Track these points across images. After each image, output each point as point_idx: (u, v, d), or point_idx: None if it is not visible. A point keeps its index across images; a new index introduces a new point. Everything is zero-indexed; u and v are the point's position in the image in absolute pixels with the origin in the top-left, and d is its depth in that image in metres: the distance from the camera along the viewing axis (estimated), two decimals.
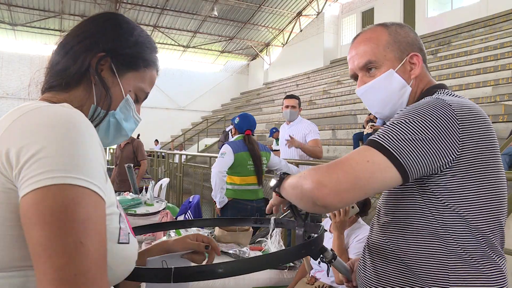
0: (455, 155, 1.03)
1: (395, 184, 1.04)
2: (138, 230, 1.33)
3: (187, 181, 8.39)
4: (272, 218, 1.44)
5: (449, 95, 1.16)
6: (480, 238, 1.07)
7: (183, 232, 2.58)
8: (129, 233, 0.84)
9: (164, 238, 2.59)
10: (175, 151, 11.03)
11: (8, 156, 0.68)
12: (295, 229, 1.32)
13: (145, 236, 3.92)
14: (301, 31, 23.56)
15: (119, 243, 0.80)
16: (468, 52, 11.52)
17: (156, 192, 5.91)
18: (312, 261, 2.47)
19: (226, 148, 3.76)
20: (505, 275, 1.10)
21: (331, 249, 1.34)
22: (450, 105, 1.04)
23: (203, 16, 22.27)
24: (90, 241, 0.66)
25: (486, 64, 10.04)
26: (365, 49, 1.25)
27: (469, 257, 1.06)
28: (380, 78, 1.23)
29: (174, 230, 2.59)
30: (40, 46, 22.46)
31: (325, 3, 21.81)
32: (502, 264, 1.10)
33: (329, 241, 2.35)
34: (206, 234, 2.62)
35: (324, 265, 1.87)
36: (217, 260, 2.57)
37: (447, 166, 1.03)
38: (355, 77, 1.32)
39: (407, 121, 1.03)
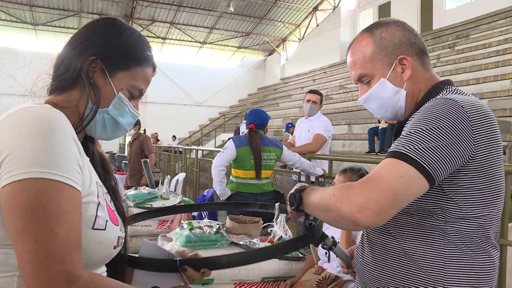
0: (472, 155, 1.07)
1: (424, 192, 1.06)
2: (147, 214, 1.44)
3: (204, 176, 8.50)
4: (277, 204, 1.52)
5: (456, 93, 1.19)
6: (479, 231, 1.13)
7: (195, 223, 2.67)
8: (107, 220, 0.95)
9: (178, 230, 2.68)
10: (192, 147, 11.16)
11: None
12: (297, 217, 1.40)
13: (160, 229, 4.04)
14: (317, 26, 23.47)
15: (93, 228, 0.90)
16: (487, 44, 11.35)
17: (172, 186, 6.02)
18: (319, 252, 2.53)
19: (229, 143, 3.81)
20: (495, 264, 1.16)
21: (332, 236, 1.41)
22: (462, 107, 1.07)
23: (219, 12, 22.35)
24: (60, 228, 0.78)
25: (505, 57, 9.87)
26: (355, 61, 1.31)
27: (466, 247, 1.12)
28: (374, 88, 1.28)
29: (187, 222, 2.68)
30: (60, 45, 22.77)
31: None
32: (495, 255, 1.16)
33: (335, 232, 2.42)
34: (217, 226, 2.71)
35: (333, 256, 1.95)
36: (228, 250, 2.65)
37: (463, 165, 1.08)
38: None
39: (427, 128, 1.06)
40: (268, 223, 2.65)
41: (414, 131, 1.07)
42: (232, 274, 2.54)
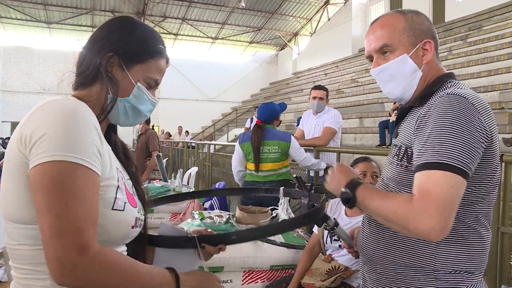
0: (487, 144, 1.16)
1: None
2: (159, 201, 1.56)
3: (217, 170, 8.60)
4: (281, 188, 1.63)
5: (459, 87, 1.27)
6: (472, 215, 1.22)
7: (205, 213, 2.77)
8: (125, 202, 1.06)
9: (189, 221, 2.79)
10: (205, 141, 11.28)
11: (25, 138, 0.93)
12: (301, 199, 1.51)
13: (173, 221, 4.16)
14: (329, 19, 23.38)
15: (113, 209, 1.02)
16: (499, 36, 11.24)
17: (185, 180, 6.13)
18: (328, 243, 2.58)
19: (237, 142, 4.05)
20: (485, 244, 1.25)
21: (334, 218, 1.51)
22: (472, 103, 1.15)
23: (230, 7, 22.41)
24: (75, 203, 0.89)
25: None
26: (382, 33, 1.34)
27: (457, 226, 1.21)
28: (394, 61, 1.32)
29: (198, 212, 2.79)
30: (74, 42, 23.16)
31: None
32: (485, 235, 1.25)
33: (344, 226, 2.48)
34: (227, 216, 2.81)
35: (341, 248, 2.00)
36: None
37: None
38: (371, 58, 1.41)
39: (451, 130, 1.12)
40: (272, 207, 2.75)
41: (440, 136, 1.12)
42: (242, 262, 2.63)
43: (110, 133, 1.22)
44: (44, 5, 20.79)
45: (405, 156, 1.27)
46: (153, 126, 6.29)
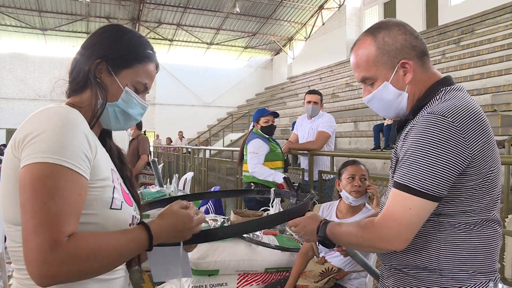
0: (470, 160, 1.19)
1: (435, 207, 1.22)
2: (151, 205, 1.59)
3: (212, 175, 8.63)
4: (272, 189, 1.68)
5: (449, 97, 1.28)
6: (474, 217, 1.25)
7: None
8: (122, 202, 1.11)
9: None
10: (200, 147, 11.31)
11: (18, 141, 0.98)
12: (289, 199, 1.57)
13: None
14: (323, 24, 23.50)
15: (111, 208, 1.06)
16: (491, 39, 11.34)
17: (181, 185, 6.15)
18: (320, 247, 2.62)
19: None
20: (491, 245, 1.27)
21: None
22: (452, 122, 1.17)
23: (225, 13, 22.49)
24: (52, 202, 0.92)
25: (510, 52, 9.88)
26: (358, 63, 1.39)
27: (459, 230, 1.25)
28: (378, 91, 1.37)
29: None
30: (69, 49, 23.18)
31: None
32: (492, 237, 1.27)
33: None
34: (222, 220, 2.84)
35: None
36: (232, 242, 2.77)
37: (463, 171, 1.20)
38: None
39: (422, 154, 1.19)
40: (264, 208, 2.79)
41: (411, 158, 1.21)
42: (237, 265, 2.66)
43: (104, 138, 1.25)
44: (39, 12, 20.81)
45: (396, 168, 1.32)
46: (145, 131, 6.34)
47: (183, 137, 20.28)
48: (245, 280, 2.72)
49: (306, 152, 4.43)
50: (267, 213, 2.59)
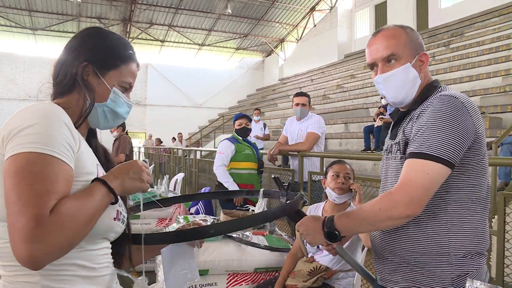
0: (474, 138, 1.37)
1: (448, 174, 1.35)
2: (147, 205, 1.63)
3: (203, 176, 8.63)
4: (261, 190, 1.72)
5: (450, 90, 1.47)
6: (478, 200, 1.42)
7: (190, 218, 2.81)
8: None
9: (175, 225, 2.83)
10: (191, 148, 11.30)
11: (2, 137, 1.01)
12: (279, 198, 1.60)
13: (159, 227, 4.18)
14: (314, 26, 23.59)
15: None
16: (480, 42, 11.47)
17: (172, 186, 6.15)
18: (308, 247, 2.64)
19: None
20: (487, 227, 1.45)
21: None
22: (462, 102, 1.36)
23: (217, 14, 22.48)
24: (39, 184, 0.94)
25: (497, 54, 10.01)
26: (389, 43, 1.51)
27: (469, 214, 1.41)
28: (400, 69, 1.50)
29: (183, 216, 2.83)
30: (59, 49, 22.93)
31: None
32: (486, 220, 1.45)
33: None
34: (212, 220, 2.86)
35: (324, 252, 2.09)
36: (222, 243, 2.79)
37: (469, 146, 1.37)
38: (372, 66, 1.58)
39: (438, 125, 1.34)
40: (247, 206, 2.84)
41: (427, 130, 1.35)
42: (226, 265, 2.68)
43: (90, 138, 1.29)
44: (29, 12, 20.65)
45: (406, 148, 1.45)
46: (127, 131, 6.45)
47: (174, 138, 20.21)
48: (234, 280, 2.75)
49: (296, 153, 4.46)
50: (252, 210, 2.64)
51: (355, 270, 2.46)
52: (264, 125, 10.28)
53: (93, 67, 1.20)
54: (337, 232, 1.42)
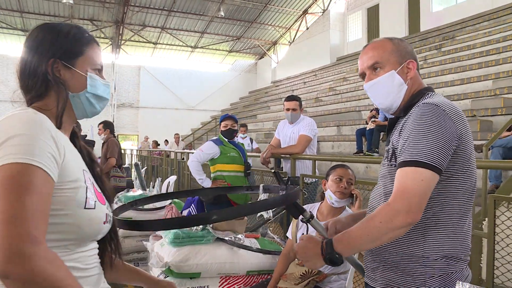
0: (458, 143, 1.40)
1: (437, 181, 1.38)
2: (141, 202, 1.65)
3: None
4: (261, 185, 1.74)
5: (437, 95, 1.55)
6: (458, 205, 1.45)
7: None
8: (95, 201, 1.14)
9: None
10: (184, 150, 11.28)
11: None
12: (279, 193, 1.63)
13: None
14: (307, 29, 23.69)
15: (85, 208, 1.10)
16: (471, 46, 11.55)
17: (164, 189, 6.13)
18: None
19: None
20: (468, 233, 1.49)
21: (310, 210, 1.61)
22: (444, 110, 1.40)
23: (210, 16, 22.50)
24: (28, 197, 0.94)
25: (488, 58, 10.08)
26: (374, 53, 1.59)
27: (446, 219, 1.44)
28: (384, 76, 1.57)
29: None
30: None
31: (331, 0, 21.92)
32: (468, 225, 1.48)
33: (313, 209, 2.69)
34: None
35: None
36: (214, 245, 2.78)
37: (453, 153, 1.40)
38: (363, 76, 1.64)
39: (424, 134, 1.38)
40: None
41: (415, 138, 1.39)
42: (218, 268, 2.68)
43: (74, 139, 1.28)
44: (20, 13, 20.52)
45: (393, 156, 1.51)
46: (114, 135, 6.45)
47: (166, 140, 20.12)
48: (227, 283, 2.74)
49: (288, 156, 4.47)
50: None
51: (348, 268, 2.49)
52: (251, 140, 10.16)
53: (61, 61, 1.19)
54: (337, 255, 1.39)
